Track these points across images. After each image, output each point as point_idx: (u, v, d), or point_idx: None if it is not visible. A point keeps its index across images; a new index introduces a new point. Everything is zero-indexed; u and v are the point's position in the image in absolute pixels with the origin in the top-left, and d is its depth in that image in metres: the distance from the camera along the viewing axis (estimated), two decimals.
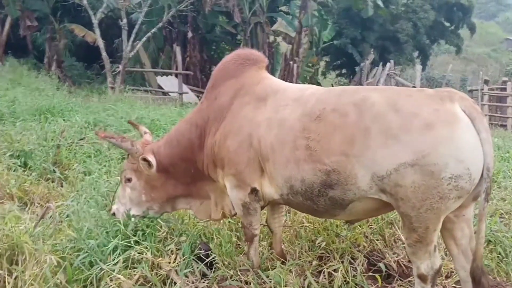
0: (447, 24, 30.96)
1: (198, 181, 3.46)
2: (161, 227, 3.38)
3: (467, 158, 2.35)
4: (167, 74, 19.09)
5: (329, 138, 2.65)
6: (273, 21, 23.41)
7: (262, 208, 3.24)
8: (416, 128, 2.40)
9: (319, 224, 3.75)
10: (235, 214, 3.47)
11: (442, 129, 2.37)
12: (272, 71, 22.39)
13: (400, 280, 3.31)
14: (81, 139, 6.26)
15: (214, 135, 3.21)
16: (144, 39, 14.39)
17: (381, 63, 21.97)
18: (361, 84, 19.37)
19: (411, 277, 3.32)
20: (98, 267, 3.00)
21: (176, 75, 18.32)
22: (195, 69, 20.85)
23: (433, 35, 30.23)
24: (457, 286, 3.23)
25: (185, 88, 17.59)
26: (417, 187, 2.40)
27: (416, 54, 30.73)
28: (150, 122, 7.39)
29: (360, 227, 3.66)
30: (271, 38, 22.20)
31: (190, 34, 20.64)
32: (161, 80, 18.07)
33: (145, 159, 3.33)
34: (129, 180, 3.50)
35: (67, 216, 3.82)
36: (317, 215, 3.17)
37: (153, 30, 14.95)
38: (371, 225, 3.70)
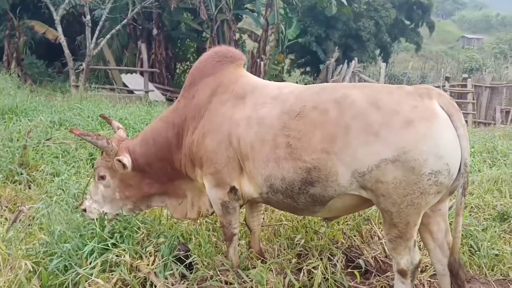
0: (407, 22, 31.88)
1: (175, 180, 3.41)
2: (139, 228, 3.30)
3: (446, 154, 2.42)
4: (131, 72, 18.71)
5: (309, 135, 2.65)
6: (239, 19, 23.34)
7: (240, 206, 3.23)
8: (397, 125, 2.44)
9: (297, 222, 3.77)
10: (212, 213, 3.44)
11: (421, 126, 2.42)
12: None
13: (378, 275, 3.37)
14: (48, 139, 6.05)
15: (192, 134, 3.16)
16: (108, 36, 13.99)
17: (346, 61, 22.32)
18: (327, 82, 19.63)
19: (388, 272, 3.40)
20: (73, 271, 2.91)
21: (142, 73, 18.00)
22: (161, 67, 20.47)
23: (394, 33, 31.05)
24: (432, 280, 3.32)
25: (150, 86, 17.29)
26: (398, 183, 2.44)
27: (378, 51, 31.49)
28: (119, 121, 7.21)
29: (338, 224, 3.70)
30: (237, 35, 22.12)
31: (155, 31, 20.24)
32: (126, 78, 17.66)
33: (119, 160, 3.25)
34: (102, 177, 3.40)
35: (37, 219, 3.67)
36: (296, 212, 3.18)
37: (117, 27, 14.56)
38: (348, 221, 3.75)
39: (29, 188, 4.80)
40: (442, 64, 42.33)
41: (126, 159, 3.28)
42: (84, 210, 3.43)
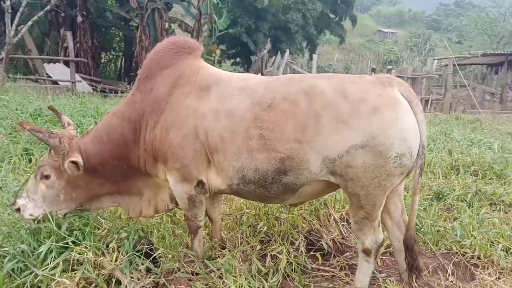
0: (332, 15, 33.10)
1: (130, 178, 3.25)
2: (100, 224, 3.16)
3: (409, 138, 2.59)
4: (54, 62, 17.57)
5: (282, 126, 2.70)
6: (169, 8, 22.78)
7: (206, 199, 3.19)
8: (365, 113, 2.57)
9: (259, 209, 3.81)
10: (171, 209, 3.38)
11: (387, 112, 2.57)
12: None
13: (338, 256, 3.53)
14: None
15: (153, 129, 3.03)
16: (29, 23, 12.92)
17: (278, 52, 22.70)
18: (261, 73, 19.87)
19: (347, 253, 3.57)
20: (30, 272, 2.75)
21: (66, 63, 16.99)
22: (86, 56, 19.44)
23: (320, 26, 32.14)
24: (383, 257, 3.52)
25: (77, 76, 16.38)
26: (367, 166, 2.58)
27: (305, 44, 32.39)
28: (53, 115, 6.79)
29: (297, 209, 3.80)
30: (166, 25, 21.60)
31: (79, 19, 19.15)
32: (49, 68, 16.54)
33: (73, 162, 3.02)
34: (46, 177, 3.12)
35: None
36: (267, 201, 3.20)
37: (40, 13, 13.51)
38: (307, 207, 3.86)
39: None
40: (363, 56, 44.61)
41: (79, 159, 3.06)
42: (18, 210, 3.12)
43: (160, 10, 19.16)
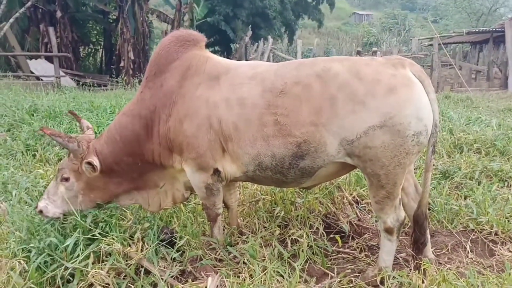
0: (310, 0, 32.95)
1: (145, 173, 3.28)
2: (124, 216, 3.17)
3: (424, 116, 2.66)
4: (36, 58, 17.25)
5: (296, 111, 2.73)
6: None
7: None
8: (381, 93, 2.62)
9: (274, 195, 3.85)
10: (187, 198, 3.42)
11: (403, 92, 2.63)
12: (148, 51, 21.69)
13: (356, 238, 3.60)
14: None
15: (166, 122, 3.06)
16: (11, 20, 12.65)
17: (262, 39, 22.63)
18: (246, 59, 19.81)
19: (365, 234, 3.65)
20: (58, 265, 2.75)
21: (49, 58, 16.68)
22: (67, 51, 19.12)
23: (297, 10, 31.98)
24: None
25: (60, 71, 16.12)
26: (386, 146, 2.64)
27: (283, 29, 32.26)
28: (49, 110, 6.71)
29: (312, 193, 3.85)
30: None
31: (59, 14, 18.76)
32: (32, 64, 16.23)
33: (89, 163, 3.09)
34: (66, 179, 3.19)
35: None
36: (283, 185, 3.24)
37: (22, 9, 13.21)
38: (322, 190, 3.91)
39: None
40: (342, 39, 44.66)
41: (96, 161, 3.12)
42: (41, 212, 3.17)
43: (140, 1, 18.87)
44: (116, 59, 21.31)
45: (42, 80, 15.28)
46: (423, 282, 2.68)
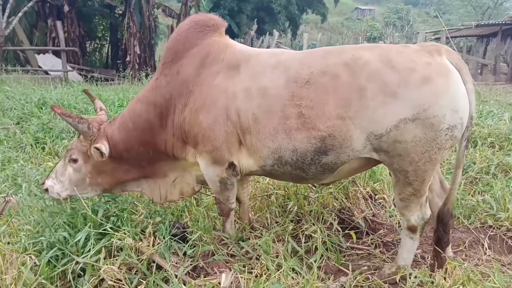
0: None
1: (156, 162, 3.19)
2: (136, 210, 3.11)
3: (461, 108, 2.47)
4: (44, 52, 17.27)
5: (322, 102, 2.56)
6: None
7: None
8: (415, 83, 2.43)
9: (287, 189, 3.78)
10: (196, 192, 3.34)
11: (439, 82, 2.43)
12: (154, 46, 21.65)
13: (371, 234, 3.52)
14: None
15: (182, 112, 2.94)
16: (20, 14, 12.64)
17: (267, 33, 22.55)
18: None
19: (380, 230, 3.57)
20: (68, 260, 2.69)
21: (55, 52, 16.70)
22: (74, 45, 19.11)
23: (302, 4, 31.71)
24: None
25: (68, 66, 16.14)
26: (417, 141, 2.46)
27: (287, 24, 32.05)
28: (56, 103, 6.68)
29: (326, 188, 3.76)
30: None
31: (66, 8, 18.73)
32: (40, 59, 16.27)
33: (97, 148, 3.00)
34: (74, 160, 3.11)
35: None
36: (302, 182, 3.10)
37: (30, 4, 13.20)
38: (337, 185, 3.82)
39: None
40: (345, 34, 44.33)
41: (104, 147, 3.02)
42: (46, 190, 3.14)
43: None
44: (122, 54, 21.31)
45: (50, 74, 15.32)
46: (445, 280, 2.57)
